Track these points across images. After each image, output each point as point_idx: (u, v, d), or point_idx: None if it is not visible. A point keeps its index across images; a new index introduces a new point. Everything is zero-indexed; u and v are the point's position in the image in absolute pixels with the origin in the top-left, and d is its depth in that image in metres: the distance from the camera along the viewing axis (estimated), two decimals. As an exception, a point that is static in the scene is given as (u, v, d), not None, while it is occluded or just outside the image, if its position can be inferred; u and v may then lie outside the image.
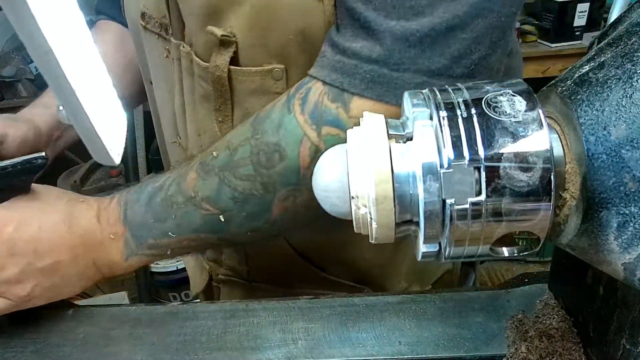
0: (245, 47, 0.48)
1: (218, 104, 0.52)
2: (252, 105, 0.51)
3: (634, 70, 0.26)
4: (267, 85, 0.50)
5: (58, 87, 0.21)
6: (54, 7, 0.20)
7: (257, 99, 0.51)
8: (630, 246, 0.26)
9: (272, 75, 0.49)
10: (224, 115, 0.53)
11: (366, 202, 0.30)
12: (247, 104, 0.52)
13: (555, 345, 0.40)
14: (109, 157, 0.25)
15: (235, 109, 0.53)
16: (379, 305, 0.50)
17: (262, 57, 0.48)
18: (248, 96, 0.51)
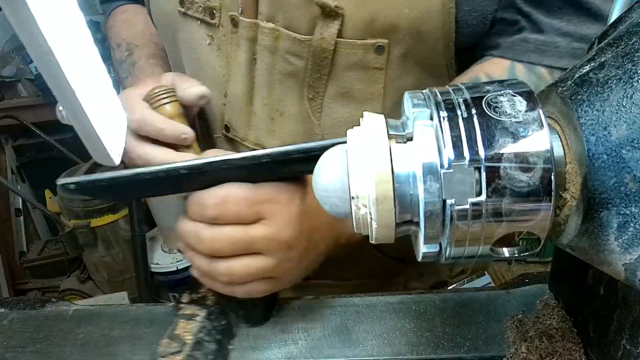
0: (352, 20, 0.48)
1: (312, 79, 0.52)
2: (349, 80, 0.52)
3: (635, 71, 0.26)
4: (367, 59, 0.50)
5: (58, 87, 0.21)
6: (53, 7, 0.20)
7: (354, 74, 0.51)
8: (631, 246, 0.26)
9: (375, 50, 0.49)
10: (315, 92, 0.53)
11: (366, 202, 0.30)
12: (344, 78, 0.52)
13: (555, 345, 0.40)
14: (109, 158, 0.25)
15: (329, 85, 0.52)
16: (379, 305, 0.50)
17: (368, 31, 0.49)
18: (347, 70, 0.51)
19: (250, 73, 0.55)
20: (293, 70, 0.53)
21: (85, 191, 0.38)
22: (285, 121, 0.56)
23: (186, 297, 0.47)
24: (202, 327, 0.44)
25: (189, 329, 0.43)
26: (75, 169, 1.80)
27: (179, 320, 0.45)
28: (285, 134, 0.57)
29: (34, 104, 1.99)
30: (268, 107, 0.56)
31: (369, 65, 0.51)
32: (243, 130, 0.59)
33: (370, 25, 0.48)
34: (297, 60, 0.52)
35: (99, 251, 1.79)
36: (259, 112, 0.57)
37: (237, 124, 0.59)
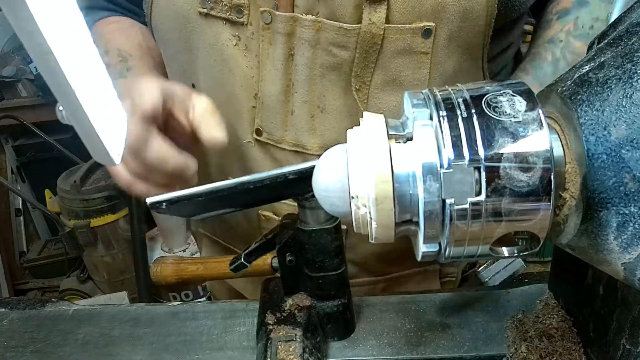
0: (399, 3, 0.48)
1: (360, 68, 0.51)
2: (396, 67, 0.51)
3: (634, 71, 0.26)
4: (415, 44, 0.50)
5: (57, 87, 0.21)
6: (53, 7, 0.20)
7: (401, 60, 0.51)
8: (630, 246, 0.26)
9: (423, 34, 0.49)
10: (362, 82, 0.52)
11: (366, 202, 0.30)
12: (392, 66, 0.51)
13: (555, 345, 0.40)
14: (109, 158, 0.25)
15: (376, 74, 0.52)
16: (379, 305, 0.50)
17: (415, 13, 0.48)
18: (394, 57, 0.51)
19: (287, 70, 0.53)
20: (336, 62, 0.51)
21: (173, 209, 0.39)
22: (327, 117, 0.54)
23: (271, 318, 0.44)
24: (305, 347, 0.41)
25: (292, 351, 0.41)
26: (75, 169, 1.80)
27: (277, 344, 0.41)
28: (327, 131, 0.55)
29: (34, 104, 1.98)
30: (308, 104, 0.54)
31: (415, 50, 0.50)
32: (279, 132, 0.56)
33: (418, 7, 0.48)
34: (341, 51, 0.51)
35: (99, 251, 1.79)
36: (298, 111, 0.54)
37: (271, 126, 0.56)
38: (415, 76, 0.52)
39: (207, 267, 0.57)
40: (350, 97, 0.53)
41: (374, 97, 0.53)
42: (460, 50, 0.52)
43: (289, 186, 0.39)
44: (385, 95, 0.53)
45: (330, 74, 0.52)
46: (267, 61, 0.53)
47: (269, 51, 0.53)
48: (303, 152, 0.56)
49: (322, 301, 0.45)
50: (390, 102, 0.53)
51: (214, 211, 0.41)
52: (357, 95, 0.52)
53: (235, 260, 0.46)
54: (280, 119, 0.55)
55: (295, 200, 0.42)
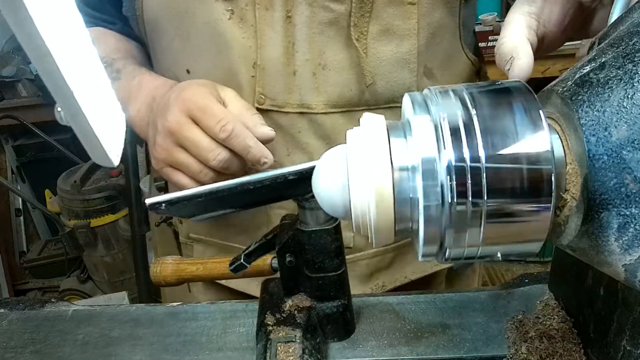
0: None
1: (356, 18, 0.54)
2: (388, 16, 0.55)
3: (635, 71, 0.26)
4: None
5: (56, 88, 0.21)
6: (52, 8, 0.20)
7: (392, 10, 0.55)
8: (631, 247, 0.26)
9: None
10: (360, 33, 0.55)
11: (366, 203, 0.29)
12: (384, 16, 0.55)
13: (555, 346, 0.40)
14: (108, 159, 0.25)
15: (371, 24, 0.55)
16: (379, 305, 0.50)
17: None
18: (385, 7, 0.55)
19: (286, 32, 0.55)
20: (334, 17, 0.55)
21: (173, 209, 0.39)
22: (329, 73, 0.57)
23: (271, 319, 0.44)
24: (304, 349, 0.41)
25: (292, 352, 0.41)
26: (75, 169, 1.80)
27: (277, 344, 0.41)
28: (330, 87, 0.57)
29: (34, 104, 1.99)
30: (309, 62, 0.56)
31: (404, 1, 0.55)
32: (282, 96, 0.58)
33: None
34: (338, 4, 0.54)
35: (99, 251, 1.79)
36: (300, 71, 0.56)
37: (274, 91, 0.58)
38: (405, 26, 0.56)
39: (207, 267, 0.57)
40: (350, 51, 0.56)
41: (372, 48, 0.56)
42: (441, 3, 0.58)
43: (288, 187, 0.39)
44: (381, 45, 0.57)
45: (329, 30, 0.55)
46: (266, 27, 0.55)
47: (266, 17, 0.55)
48: (308, 112, 0.58)
49: (322, 302, 0.45)
50: (387, 51, 0.57)
51: (213, 212, 0.41)
52: (358, 44, 0.55)
53: (235, 261, 0.46)
54: (283, 82, 0.57)
55: (295, 201, 0.42)
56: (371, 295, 0.52)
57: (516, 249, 0.30)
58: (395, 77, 0.58)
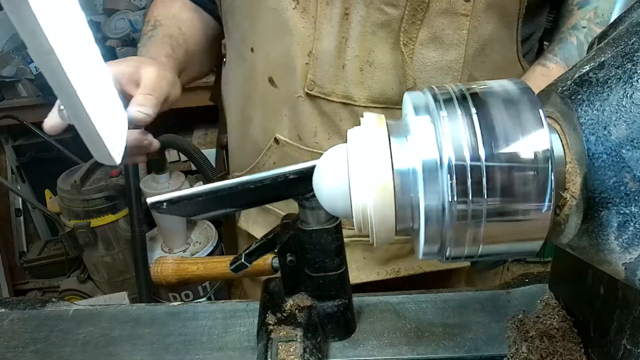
0: None
1: (407, 25, 0.57)
2: (439, 25, 0.58)
3: (635, 70, 0.26)
4: (457, 5, 0.57)
5: (59, 87, 0.21)
6: (55, 7, 0.20)
7: (444, 19, 0.57)
8: (631, 246, 0.26)
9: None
10: (408, 38, 0.58)
11: (367, 202, 0.30)
12: (435, 24, 0.58)
13: (556, 345, 0.40)
14: (110, 157, 0.25)
15: (421, 31, 0.58)
16: (379, 305, 0.50)
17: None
18: (438, 16, 0.57)
19: (342, 28, 0.59)
20: (386, 19, 0.58)
21: (174, 208, 0.39)
22: (375, 71, 0.60)
23: (272, 318, 0.44)
24: (305, 348, 0.41)
25: (293, 351, 0.41)
26: (75, 169, 1.80)
27: (278, 344, 0.42)
28: (375, 84, 0.61)
29: (34, 104, 1.98)
30: (358, 58, 0.60)
31: (457, 12, 0.57)
32: (330, 85, 0.62)
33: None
34: (392, 9, 0.57)
35: (99, 251, 1.79)
36: (349, 65, 0.60)
37: (323, 80, 0.62)
38: (455, 36, 0.59)
39: (207, 267, 0.57)
40: (397, 53, 0.59)
41: (418, 53, 0.59)
42: (496, 16, 0.59)
43: (289, 186, 0.39)
44: (428, 52, 0.59)
45: (381, 31, 0.58)
46: (324, 20, 0.60)
47: (325, 11, 0.59)
48: (351, 103, 0.62)
49: (322, 301, 0.45)
50: (432, 57, 0.60)
51: (214, 211, 0.41)
52: (404, 49, 0.58)
53: (236, 260, 0.46)
54: (332, 72, 0.61)
55: (296, 200, 0.42)
56: (371, 295, 0.52)
57: (516, 248, 0.30)
58: (436, 83, 0.60)
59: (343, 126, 0.64)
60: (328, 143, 0.65)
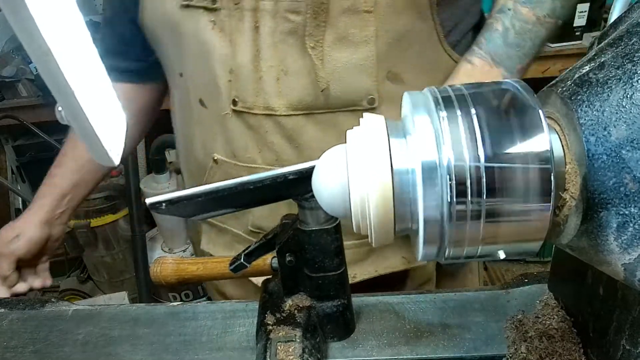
0: None
1: (312, 28, 0.58)
2: (344, 26, 0.58)
3: (635, 71, 0.26)
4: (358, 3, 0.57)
5: (57, 87, 0.21)
6: (53, 7, 0.20)
7: (348, 19, 0.57)
8: (630, 247, 0.26)
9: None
10: (315, 41, 0.59)
11: (366, 204, 0.30)
12: (340, 24, 0.58)
13: (555, 345, 0.40)
14: (108, 158, 0.25)
15: (327, 33, 0.58)
16: (378, 306, 0.50)
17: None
18: (340, 16, 0.57)
19: (255, 41, 0.60)
20: (292, 27, 0.58)
21: (173, 209, 0.39)
22: (290, 79, 0.61)
23: (271, 318, 0.44)
24: (304, 348, 0.41)
25: (292, 351, 0.41)
26: (75, 169, 1.79)
27: (277, 344, 0.42)
28: (292, 91, 0.62)
29: (34, 104, 1.98)
30: (273, 68, 0.61)
31: (359, 9, 0.57)
32: (251, 99, 0.63)
33: None
34: (296, 16, 0.58)
35: (99, 251, 1.79)
36: (266, 76, 0.61)
37: (245, 94, 0.63)
38: (362, 34, 0.58)
39: (207, 267, 0.57)
40: (307, 58, 0.59)
41: (327, 55, 0.59)
42: (406, 9, 0.58)
43: (288, 186, 0.39)
44: (337, 53, 0.59)
45: (289, 39, 0.59)
46: (238, 36, 0.61)
47: (239, 27, 0.60)
48: (273, 114, 0.63)
49: (322, 301, 0.45)
50: (343, 57, 0.59)
51: (213, 211, 0.41)
52: (312, 53, 0.59)
53: (235, 261, 0.46)
54: (252, 86, 0.62)
55: (295, 201, 0.42)
56: (371, 295, 0.52)
57: (516, 248, 0.30)
58: (351, 82, 0.60)
59: (269, 138, 0.64)
60: (260, 157, 0.66)
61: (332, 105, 0.62)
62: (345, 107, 0.62)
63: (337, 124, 0.63)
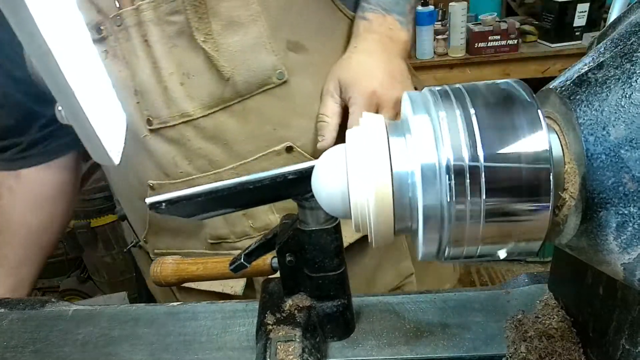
0: None
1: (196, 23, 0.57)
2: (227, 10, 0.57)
3: (633, 71, 0.26)
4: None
5: (57, 87, 0.21)
6: (53, 8, 0.20)
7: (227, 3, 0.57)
8: (630, 246, 0.26)
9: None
10: (205, 34, 0.58)
11: (365, 203, 0.30)
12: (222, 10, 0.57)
13: (554, 345, 0.40)
14: (108, 157, 0.25)
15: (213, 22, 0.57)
16: (378, 306, 0.50)
17: None
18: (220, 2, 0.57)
19: (148, 54, 0.60)
20: (179, 27, 0.58)
21: (173, 209, 0.39)
22: (194, 79, 0.60)
23: (271, 318, 0.44)
24: (304, 348, 0.41)
25: (292, 351, 0.41)
26: (75, 169, 1.80)
27: (277, 344, 0.42)
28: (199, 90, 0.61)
29: None
30: (175, 74, 0.60)
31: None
32: (164, 112, 0.62)
33: None
34: (178, 16, 0.57)
35: (99, 251, 1.79)
36: (170, 85, 0.60)
37: (156, 110, 0.62)
38: (247, 13, 0.58)
39: (206, 267, 0.57)
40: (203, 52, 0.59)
41: (221, 44, 0.59)
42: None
43: (288, 186, 0.39)
44: (230, 39, 0.59)
45: (179, 40, 0.59)
46: (132, 56, 0.60)
47: (129, 47, 0.60)
48: (189, 119, 0.62)
49: (321, 301, 0.45)
50: (237, 42, 0.59)
51: (213, 211, 0.41)
52: (205, 46, 0.58)
53: (235, 261, 0.46)
54: (160, 99, 0.62)
55: (295, 200, 0.42)
56: (371, 295, 0.52)
57: (515, 248, 0.30)
58: (253, 63, 0.60)
59: (194, 145, 0.63)
60: (192, 168, 0.65)
61: (243, 92, 0.61)
62: (257, 90, 0.61)
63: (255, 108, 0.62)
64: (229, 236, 0.70)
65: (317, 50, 0.64)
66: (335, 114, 0.63)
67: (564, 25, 1.95)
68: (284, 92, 0.62)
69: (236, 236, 0.70)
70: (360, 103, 0.60)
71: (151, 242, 0.78)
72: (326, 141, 0.62)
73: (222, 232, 0.70)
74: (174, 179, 0.66)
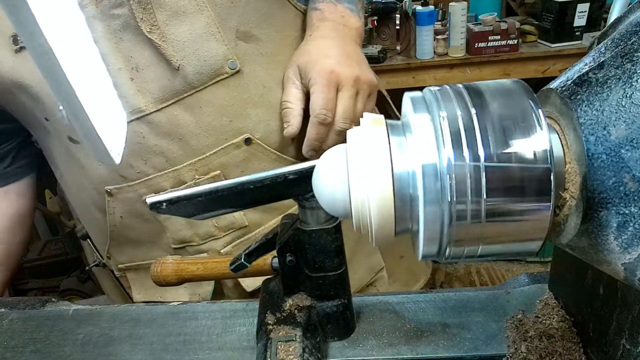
0: None
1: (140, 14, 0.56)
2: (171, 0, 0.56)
3: (634, 70, 0.26)
4: None
5: (58, 87, 0.21)
6: (54, 6, 0.20)
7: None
8: (630, 246, 0.26)
9: None
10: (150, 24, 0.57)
11: (366, 203, 0.30)
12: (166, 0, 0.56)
13: (555, 345, 0.40)
14: (109, 157, 0.25)
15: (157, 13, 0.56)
16: (378, 305, 0.50)
17: None
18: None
19: None
20: (123, 21, 0.57)
21: (173, 209, 0.39)
22: (143, 73, 0.59)
23: (271, 318, 0.44)
24: (305, 348, 0.41)
25: (292, 351, 0.41)
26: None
27: (277, 344, 0.42)
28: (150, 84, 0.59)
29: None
30: (123, 70, 0.58)
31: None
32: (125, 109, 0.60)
33: None
34: (120, 9, 0.56)
35: (99, 251, 1.79)
36: (119, 81, 0.58)
37: None
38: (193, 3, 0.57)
39: (207, 267, 0.57)
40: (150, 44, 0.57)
41: (169, 34, 0.58)
42: None
43: (288, 186, 0.39)
44: (177, 28, 0.58)
45: (125, 34, 0.57)
46: None
47: None
48: (142, 115, 0.60)
49: (322, 301, 0.45)
50: (184, 31, 0.58)
51: (213, 211, 0.41)
52: (152, 37, 0.57)
53: (236, 261, 0.46)
54: None
55: (296, 200, 0.42)
56: (371, 295, 0.52)
57: (516, 248, 0.30)
58: (203, 53, 0.59)
59: (149, 142, 0.61)
60: (149, 167, 0.63)
61: (195, 83, 0.60)
62: (210, 81, 0.60)
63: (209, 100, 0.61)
64: (193, 238, 0.68)
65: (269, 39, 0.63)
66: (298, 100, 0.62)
67: (564, 25, 1.94)
68: (238, 82, 0.61)
69: (200, 238, 0.68)
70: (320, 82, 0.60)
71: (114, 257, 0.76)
72: (292, 127, 0.62)
73: (185, 235, 0.68)
74: (132, 180, 0.64)
